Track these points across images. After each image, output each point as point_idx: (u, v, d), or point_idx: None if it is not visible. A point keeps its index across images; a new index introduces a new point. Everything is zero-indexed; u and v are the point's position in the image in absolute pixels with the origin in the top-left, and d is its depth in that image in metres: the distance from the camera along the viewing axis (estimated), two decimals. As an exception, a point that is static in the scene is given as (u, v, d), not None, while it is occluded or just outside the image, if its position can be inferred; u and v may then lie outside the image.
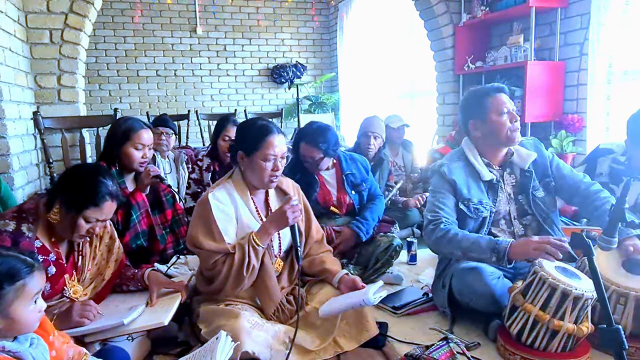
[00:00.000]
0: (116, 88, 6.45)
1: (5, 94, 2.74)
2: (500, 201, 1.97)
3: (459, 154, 2.05)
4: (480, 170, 1.96)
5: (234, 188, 1.84)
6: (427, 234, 1.94)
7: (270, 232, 1.76)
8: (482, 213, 1.93)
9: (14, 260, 1.14)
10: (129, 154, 2.31)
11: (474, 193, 1.95)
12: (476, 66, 4.00)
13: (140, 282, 1.83)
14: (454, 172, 1.96)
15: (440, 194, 1.96)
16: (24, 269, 1.14)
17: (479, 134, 1.98)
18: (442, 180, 1.98)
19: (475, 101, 1.98)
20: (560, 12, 3.40)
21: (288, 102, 7.13)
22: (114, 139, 2.32)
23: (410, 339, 1.82)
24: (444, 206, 1.93)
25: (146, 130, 2.36)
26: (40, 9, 3.15)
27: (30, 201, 1.67)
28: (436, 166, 2.03)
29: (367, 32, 6.17)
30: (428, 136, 4.77)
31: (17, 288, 1.11)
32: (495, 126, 1.92)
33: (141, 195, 2.34)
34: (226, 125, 3.00)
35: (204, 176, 2.99)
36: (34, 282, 1.15)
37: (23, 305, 1.13)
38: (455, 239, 1.83)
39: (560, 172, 2.02)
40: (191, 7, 6.54)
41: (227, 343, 1.42)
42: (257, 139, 1.78)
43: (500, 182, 1.99)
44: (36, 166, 3.22)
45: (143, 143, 2.33)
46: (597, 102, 3.24)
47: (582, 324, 1.60)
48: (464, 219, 1.94)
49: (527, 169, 1.99)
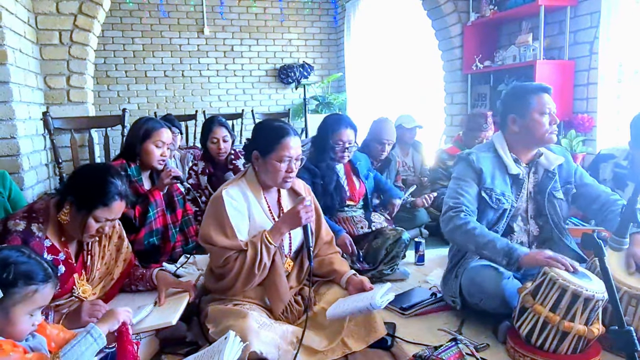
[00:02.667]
0: (124, 89, 6.50)
1: (16, 94, 2.77)
2: (521, 197, 1.98)
3: (488, 146, 2.06)
4: (508, 164, 1.97)
5: (247, 186, 1.85)
6: (445, 221, 1.93)
7: (283, 231, 1.77)
8: (503, 204, 1.94)
9: (37, 265, 1.17)
10: (149, 151, 2.40)
11: (497, 184, 1.95)
12: (484, 66, 3.98)
13: (148, 281, 1.84)
14: (482, 161, 1.97)
15: (464, 181, 1.96)
16: (42, 276, 1.16)
17: (516, 129, 1.97)
18: (468, 168, 1.98)
19: (520, 96, 1.97)
20: (569, 10, 3.37)
21: (295, 102, 7.14)
22: (136, 136, 2.41)
23: (418, 340, 1.81)
24: (466, 194, 1.93)
25: (166, 130, 2.47)
26: (50, 10, 3.17)
27: (41, 201, 1.69)
28: (464, 154, 2.04)
29: (375, 32, 6.16)
30: (435, 136, 4.75)
31: (28, 292, 1.13)
32: (534, 125, 1.91)
33: (159, 194, 2.43)
34: (212, 127, 2.94)
35: (201, 180, 2.98)
36: (44, 293, 1.17)
37: (24, 311, 1.14)
38: (472, 233, 1.82)
39: (583, 180, 2.04)
40: (199, 8, 6.57)
41: (236, 343, 1.42)
42: (273, 140, 1.79)
43: (525, 179, 1.99)
44: (46, 166, 3.25)
45: (163, 141, 2.43)
46: (608, 102, 3.20)
47: (593, 326, 1.59)
48: (484, 208, 1.94)
49: (551, 169, 1.99)
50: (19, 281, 1.12)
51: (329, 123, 2.55)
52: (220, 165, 3.00)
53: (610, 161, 2.34)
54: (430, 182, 3.59)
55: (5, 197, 2.33)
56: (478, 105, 4.18)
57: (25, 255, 1.18)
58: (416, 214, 3.30)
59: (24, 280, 1.13)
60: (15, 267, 1.13)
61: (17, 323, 1.13)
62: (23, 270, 1.13)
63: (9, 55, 2.68)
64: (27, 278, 1.13)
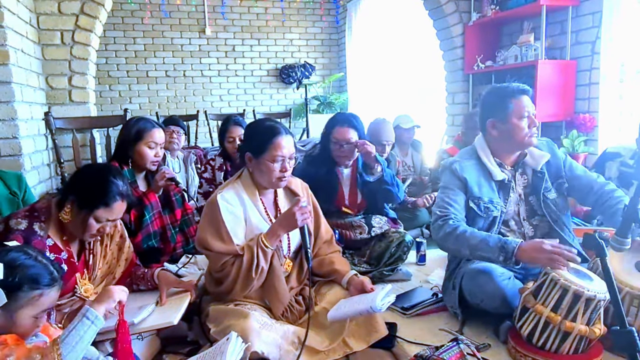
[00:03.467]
0: (126, 89, 6.50)
1: (18, 94, 2.77)
2: (510, 201, 1.96)
3: (470, 152, 2.03)
4: (492, 170, 1.94)
5: (242, 188, 1.84)
6: (435, 230, 1.91)
7: (279, 234, 1.76)
8: (492, 212, 1.91)
9: (44, 268, 1.16)
10: (142, 152, 2.34)
11: (485, 192, 1.93)
12: (486, 65, 3.98)
13: (150, 281, 1.84)
14: (465, 170, 1.94)
15: (451, 190, 1.94)
16: (48, 280, 1.16)
17: (495, 133, 1.95)
18: (453, 177, 1.96)
19: (498, 100, 1.94)
20: (571, 10, 3.37)
21: (297, 102, 7.14)
22: (127, 138, 2.35)
23: (419, 340, 1.81)
24: (454, 202, 1.91)
25: (158, 130, 2.40)
26: (52, 10, 3.18)
27: (43, 200, 1.69)
28: (447, 163, 2.01)
29: (376, 32, 6.15)
30: (437, 136, 4.75)
31: (33, 296, 1.12)
32: (513, 129, 1.89)
33: (154, 196, 2.37)
34: (228, 127, 3.00)
35: (217, 175, 3.01)
36: (50, 296, 1.17)
37: (29, 314, 1.14)
38: (463, 236, 1.80)
39: (574, 172, 2.00)
40: (200, 8, 6.57)
41: (238, 344, 1.42)
42: (264, 140, 1.77)
43: (512, 182, 1.97)
44: (47, 166, 3.26)
45: (156, 142, 2.37)
46: (610, 102, 3.20)
47: (594, 326, 1.58)
48: (473, 217, 1.92)
49: (539, 169, 1.97)
50: (24, 285, 1.12)
51: (331, 120, 2.51)
52: (237, 164, 3.01)
53: (617, 160, 2.32)
54: (432, 182, 3.59)
55: (20, 198, 2.35)
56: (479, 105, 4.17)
57: (32, 257, 1.17)
58: (417, 214, 3.30)
59: (29, 284, 1.12)
60: (22, 271, 1.13)
61: (22, 325, 1.13)
62: (29, 274, 1.12)
63: (11, 56, 2.68)
64: (32, 282, 1.13)
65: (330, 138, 2.45)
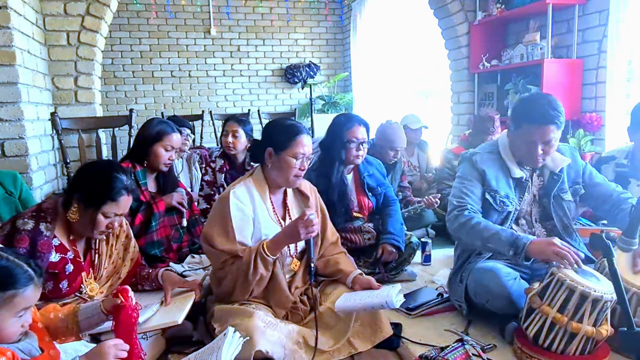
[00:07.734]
0: (132, 89, 6.53)
1: (24, 95, 2.79)
2: (524, 201, 1.96)
3: (492, 147, 2.04)
4: (511, 167, 1.95)
5: (253, 185, 1.85)
6: (450, 220, 1.93)
7: (282, 245, 1.76)
8: (507, 207, 1.92)
9: (16, 268, 1.12)
10: (158, 153, 2.38)
11: (501, 186, 1.94)
12: (491, 65, 3.96)
13: (154, 281, 1.85)
14: (485, 163, 1.96)
15: (468, 181, 1.95)
16: (22, 280, 1.11)
17: (511, 136, 1.96)
18: (472, 168, 1.97)
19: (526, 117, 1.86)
20: (578, 9, 3.34)
21: (301, 102, 7.14)
22: (146, 138, 2.39)
23: (425, 341, 1.80)
24: (470, 193, 1.93)
25: (177, 134, 2.46)
26: (58, 11, 3.20)
27: (49, 200, 1.70)
28: (468, 154, 2.03)
29: (381, 31, 6.14)
30: (442, 136, 4.73)
31: (6, 297, 1.09)
32: (528, 148, 1.88)
33: (164, 205, 2.40)
34: (226, 122, 3.06)
35: (217, 177, 3.00)
36: (25, 296, 1.12)
37: (6, 315, 1.10)
38: (477, 228, 1.82)
39: (593, 180, 2.01)
40: (205, 8, 6.59)
41: (235, 339, 1.42)
42: (288, 137, 1.79)
43: (529, 182, 1.98)
44: (54, 166, 3.28)
45: (173, 145, 2.41)
46: (616, 101, 3.17)
47: (601, 327, 1.57)
48: (488, 210, 1.93)
49: (557, 172, 1.96)
50: None
51: (342, 121, 2.45)
52: (238, 164, 3.01)
53: (611, 162, 2.35)
54: (436, 182, 3.58)
55: (17, 196, 2.37)
56: (485, 104, 4.15)
57: (3, 258, 1.12)
58: (423, 214, 3.29)
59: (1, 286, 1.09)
60: None
61: (5, 327, 1.10)
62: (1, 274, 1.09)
63: (17, 56, 2.70)
64: (3, 284, 1.09)
65: (345, 139, 2.39)
